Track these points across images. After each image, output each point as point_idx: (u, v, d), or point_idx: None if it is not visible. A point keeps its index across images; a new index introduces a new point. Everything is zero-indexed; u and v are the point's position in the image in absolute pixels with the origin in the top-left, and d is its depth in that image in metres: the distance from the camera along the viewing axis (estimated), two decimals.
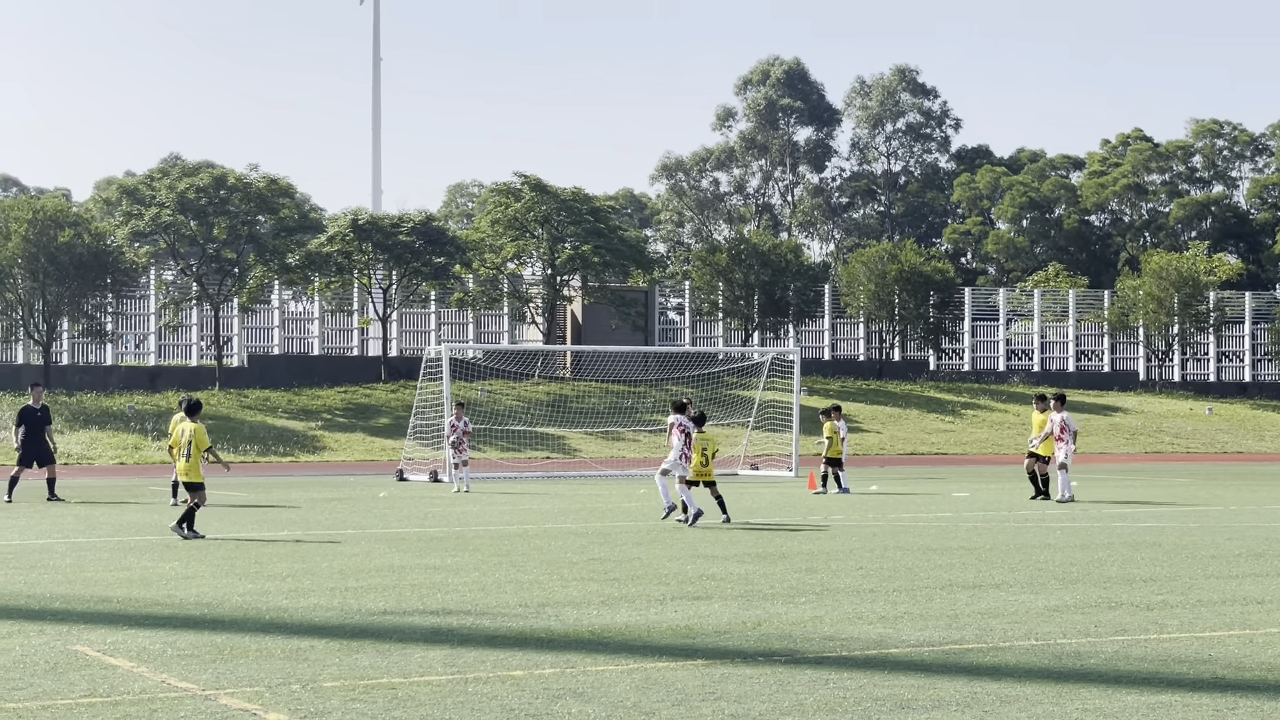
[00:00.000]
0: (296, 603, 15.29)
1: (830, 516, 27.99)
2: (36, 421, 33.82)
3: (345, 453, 58.65)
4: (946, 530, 24.71)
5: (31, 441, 33.60)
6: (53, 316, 66.91)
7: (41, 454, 33.69)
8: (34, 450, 33.59)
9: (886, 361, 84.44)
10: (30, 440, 33.59)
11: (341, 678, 11.15)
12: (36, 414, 33.94)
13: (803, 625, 13.75)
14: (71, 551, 21.12)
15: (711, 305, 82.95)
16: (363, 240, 71.78)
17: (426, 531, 24.56)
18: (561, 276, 75.85)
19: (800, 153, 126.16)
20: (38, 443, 33.64)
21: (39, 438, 33.69)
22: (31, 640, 12.85)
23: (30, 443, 33.59)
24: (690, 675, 11.30)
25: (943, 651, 12.41)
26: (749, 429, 51.89)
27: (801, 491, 37.30)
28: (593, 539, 22.89)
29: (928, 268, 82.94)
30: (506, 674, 11.32)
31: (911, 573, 18.03)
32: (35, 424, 33.78)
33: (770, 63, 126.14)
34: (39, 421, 33.86)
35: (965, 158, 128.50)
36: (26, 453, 33.62)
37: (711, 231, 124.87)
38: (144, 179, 75.24)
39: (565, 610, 14.75)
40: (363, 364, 75.29)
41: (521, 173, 77.15)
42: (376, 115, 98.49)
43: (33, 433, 33.64)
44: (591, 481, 43.60)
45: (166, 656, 12.05)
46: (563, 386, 69.03)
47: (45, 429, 33.89)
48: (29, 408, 34.17)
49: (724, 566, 18.75)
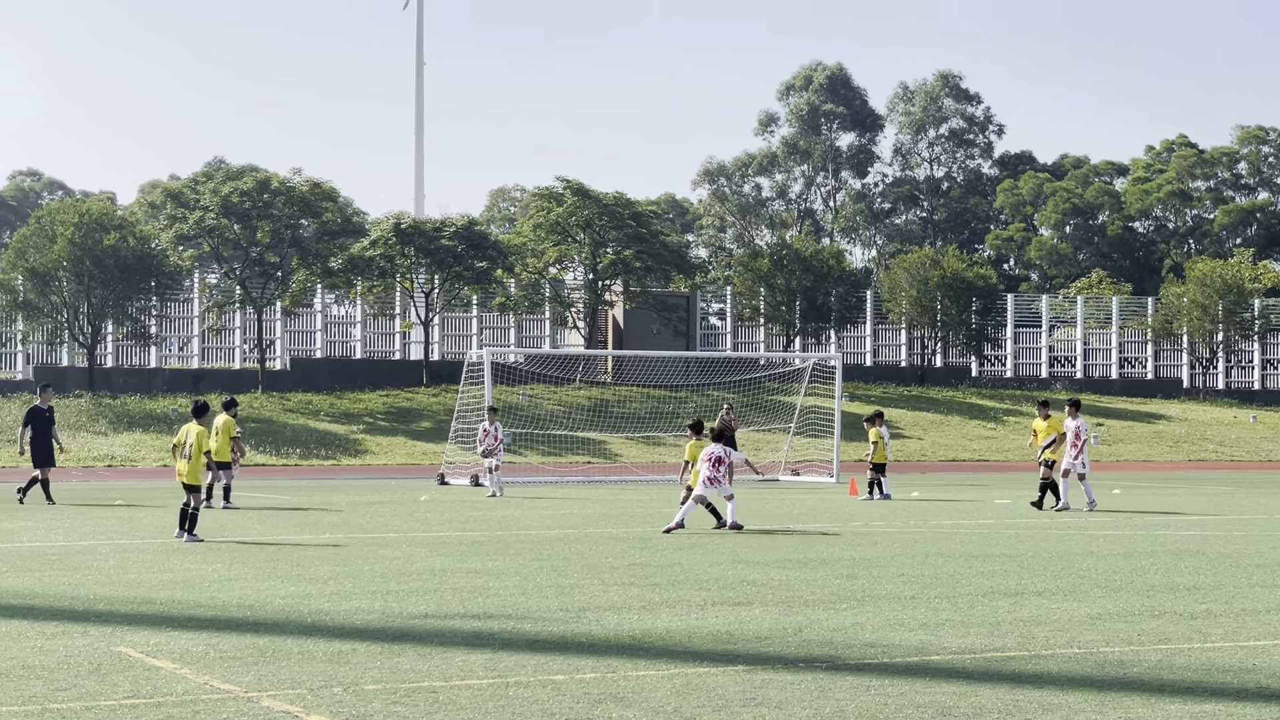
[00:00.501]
0: (338, 606, 15.33)
1: (871, 523, 27.92)
2: (44, 422, 34.00)
3: (386, 456, 58.78)
4: (988, 537, 24.61)
5: (39, 442, 33.74)
6: (97, 319, 67.27)
7: (45, 454, 33.86)
8: (41, 449, 33.72)
9: (928, 368, 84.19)
10: (38, 440, 33.74)
11: (383, 681, 11.17)
12: (44, 414, 34.11)
13: (844, 632, 13.71)
14: (115, 553, 21.23)
15: (753, 310, 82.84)
16: (405, 244, 71.96)
17: (468, 535, 24.60)
18: (603, 281, 75.88)
19: (842, 158, 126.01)
20: (44, 443, 33.82)
21: (45, 437, 33.88)
22: (76, 641, 12.92)
23: (38, 443, 33.73)
24: (731, 681, 11.28)
25: (985, 659, 12.36)
26: (790, 435, 51.81)
27: (843, 497, 37.22)
28: (634, 544, 22.88)
29: (970, 274, 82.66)
30: (547, 678, 11.33)
31: (953, 580, 17.97)
32: (43, 424, 33.95)
33: (813, 68, 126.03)
34: (47, 422, 34.04)
35: (1008, 164, 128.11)
36: (36, 454, 33.73)
37: (753, 237, 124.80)
38: (188, 182, 75.61)
39: (606, 615, 14.74)
40: (404, 368, 75.46)
41: (564, 177, 77.28)
42: (419, 119, 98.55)
43: (40, 433, 33.81)
44: (632, 486, 43.61)
45: (209, 658, 12.10)
46: (604, 391, 69.05)
47: (50, 430, 34.12)
48: (37, 408, 34.31)
49: (765, 572, 18.72)
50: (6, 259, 68.50)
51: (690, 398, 66.73)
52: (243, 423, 61.03)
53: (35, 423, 33.84)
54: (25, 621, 14.12)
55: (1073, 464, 32.09)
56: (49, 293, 66.46)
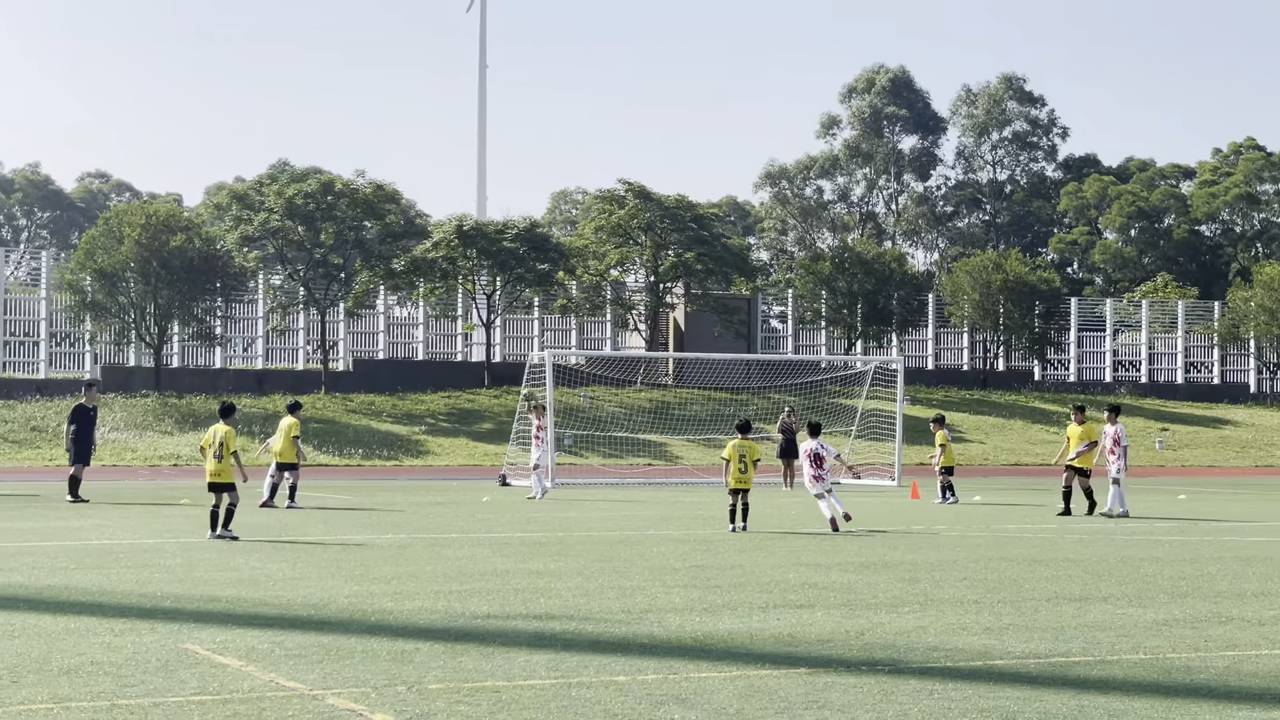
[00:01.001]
0: (401, 605, 15.39)
1: (933, 527, 27.81)
2: (89, 421, 34.29)
3: (448, 457, 58.98)
4: (1052, 542, 24.47)
5: (82, 440, 34.01)
6: (164, 320, 67.80)
7: (87, 452, 34.13)
8: (84, 447, 34.00)
9: (991, 371, 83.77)
10: (80, 438, 34.01)
11: (446, 680, 11.21)
12: (89, 413, 34.38)
13: (906, 635, 13.66)
14: (181, 551, 21.39)
15: (814, 313, 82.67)
16: (467, 246, 72.20)
17: (529, 536, 24.65)
18: (664, 283, 75.90)
19: (905, 161, 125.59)
20: (87, 441, 34.08)
21: (89, 436, 34.15)
22: (143, 638, 13.03)
23: (81, 440, 34.00)
24: (793, 683, 11.27)
25: (1049, 664, 12.30)
26: (851, 438, 51.66)
27: (905, 500, 37.10)
28: (695, 546, 22.88)
29: (1033, 277, 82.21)
30: (610, 679, 11.34)
31: (1016, 584, 17.87)
32: (87, 423, 34.25)
33: (875, 71, 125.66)
34: (91, 421, 34.32)
35: (1072, 167, 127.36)
36: (79, 451, 34.00)
37: (815, 239, 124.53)
38: (253, 184, 76.16)
39: (668, 616, 14.75)
40: (466, 369, 75.70)
41: (625, 180, 77.35)
42: (482, 122, 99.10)
43: (83, 431, 34.09)
44: (693, 489, 43.59)
45: (275, 656, 12.18)
46: (665, 393, 69.06)
47: (93, 429, 34.38)
48: (82, 406, 34.59)
49: (827, 575, 18.68)
50: (75, 260, 69.17)
51: (751, 400, 66.65)
52: (306, 423, 61.52)
53: (80, 421, 34.14)
54: (94, 618, 14.25)
55: (1118, 471, 31.40)
56: (116, 293, 67.04)
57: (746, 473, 26.12)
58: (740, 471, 26.02)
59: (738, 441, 26.33)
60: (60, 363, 72.42)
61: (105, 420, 59.45)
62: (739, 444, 26.26)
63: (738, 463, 26.03)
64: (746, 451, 26.25)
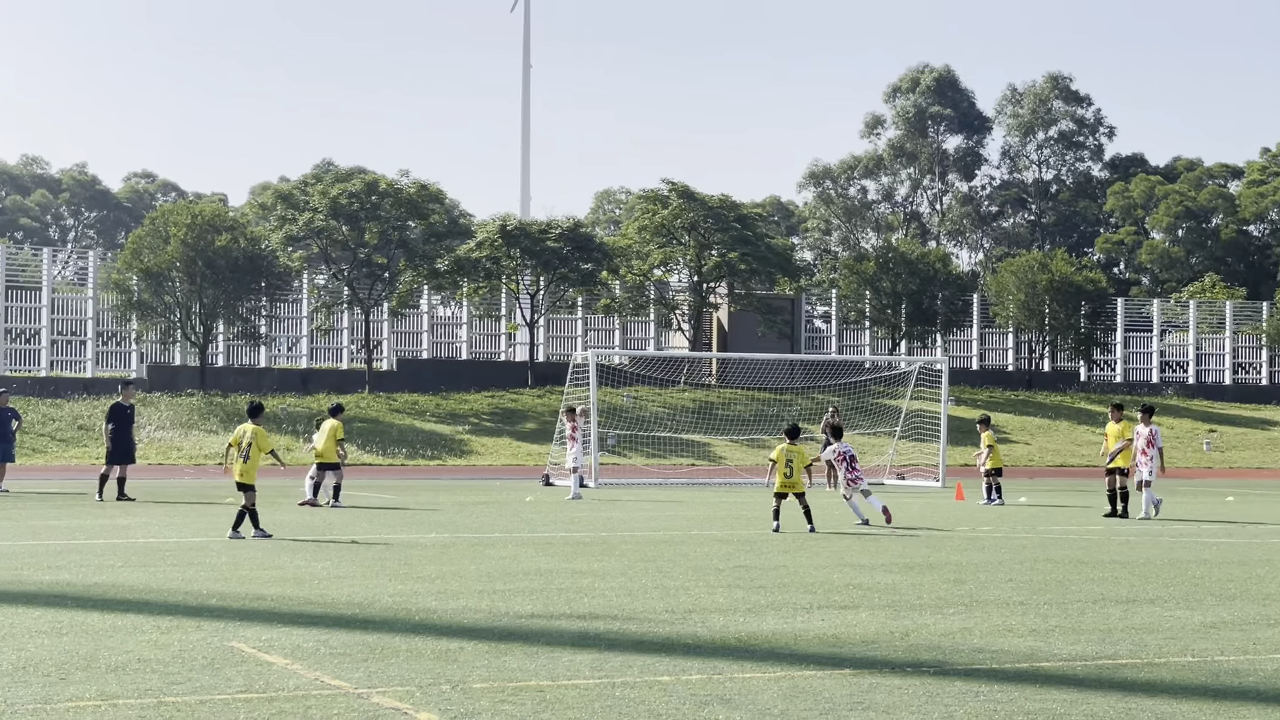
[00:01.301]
0: (445, 604, 15.42)
1: (978, 528, 27.70)
2: (126, 419, 34.48)
3: (491, 457, 59.07)
4: (1098, 544, 24.34)
5: (119, 439, 34.22)
6: (209, 319, 68.12)
7: (127, 450, 34.34)
8: (122, 445, 34.21)
9: (1036, 372, 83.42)
10: (118, 437, 34.22)
11: (490, 679, 11.22)
12: (126, 411, 34.58)
13: (951, 637, 13.61)
14: (227, 549, 21.48)
15: (858, 313, 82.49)
16: (511, 246, 72.31)
17: (573, 536, 24.66)
18: (708, 284, 75.86)
19: (949, 161, 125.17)
20: (125, 440, 34.29)
21: (127, 434, 34.36)
22: (190, 636, 13.08)
23: (118, 440, 34.22)
24: (838, 684, 11.23)
25: (1096, 666, 12.23)
26: (895, 438, 51.53)
27: (949, 501, 36.97)
28: (739, 546, 22.85)
29: (1079, 277, 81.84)
30: (654, 679, 11.33)
31: (1062, 586, 17.78)
32: (124, 422, 34.44)
33: (920, 70, 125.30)
34: (128, 419, 34.50)
35: (1119, 166, 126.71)
36: (115, 450, 34.20)
37: (859, 239, 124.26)
38: (298, 184, 76.46)
39: (712, 617, 14.73)
40: (509, 369, 75.82)
41: (669, 180, 77.38)
42: (526, 121, 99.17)
43: (121, 430, 34.28)
44: (737, 489, 43.54)
45: (320, 654, 12.21)
46: (708, 393, 69.01)
47: (131, 427, 34.61)
48: (119, 405, 34.78)
49: (871, 576, 18.63)
50: (122, 259, 69.57)
51: (795, 401, 66.56)
52: (349, 422, 61.70)
53: (117, 420, 34.35)
54: (140, 616, 14.32)
55: (1148, 473, 30.91)
56: (162, 293, 67.38)
57: (793, 476, 26.29)
58: (786, 475, 26.19)
59: (785, 446, 26.43)
60: (107, 362, 72.86)
61: (151, 419, 59.80)
62: (787, 448, 26.36)
63: (784, 466, 26.18)
64: (794, 456, 26.43)
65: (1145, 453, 30.98)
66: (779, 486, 26.30)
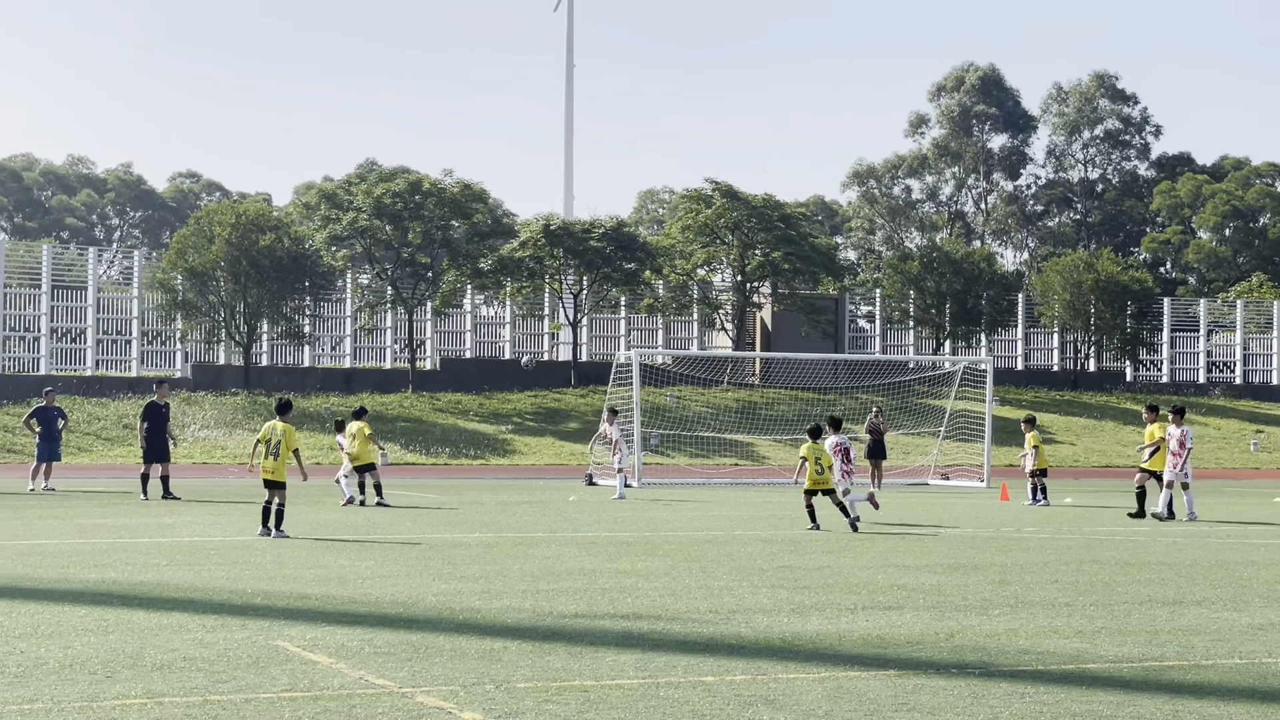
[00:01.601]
0: (489, 604, 15.43)
1: (1023, 529, 27.58)
2: (161, 419, 34.78)
3: (535, 456, 59.14)
4: (1144, 545, 24.21)
5: (154, 438, 34.49)
6: (253, 318, 68.37)
7: (162, 449, 34.57)
8: (156, 443, 34.50)
9: (1081, 372, 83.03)
10: (153, 436, 34.51)
11: (534, 679, 11.22)
12: (161, 410, 34.89)
13: (997, 638, 13.55)
14: (271, 549, 21.56)
15: (902, 313, 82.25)
16: (554, 245, 72.37)
17: (616, 536, 24.67)
18: (751, 283, 75.77)
19: (994, 160, 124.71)
20: (160, 438, 34.55)
21: (161, 433, 34.65)
22: (235, 635, 13.13)
23: (153, 439, 34.49)
24: (882, 685, 11.20)
25: (1142, 668, 12.15)
26: (939, 438, 51.38)
27: (994, 502, 36.83)
28: (782, 546, 22.81)
29: (1125, 277, 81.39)
30: (698, 679, 11.31)
31: (1108, 587, 17.69)
32: (159, 421, 34.77)
33: (965, 69, 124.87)
34: (163, 418, 34.78)
35: (1165, 165, 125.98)
36: (150, 449, 34.55)
37: (903, 239, 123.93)
38: (342, 184, 76.69)
39: (756, 617, 14.70)
40: (553, 368, 75.85)
41: (712, 179, 77.27)
42: (569, 121, 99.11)
43: (156, 428, 34.61)
44: (780, 489, 43.46)
45: (364, 653, 12.24)
46: (752, 393, 68.94)
47: (166, 426, 34.83)
48: (154, 404, 35.20)
49: (915, 577, 18.57)
50: (166, 259, 69.89)
51: (839, 400, 66.41)
52: (393, 421, 61.88)
53: (152, 419, 34.66)
54: (186, 614, 14.39)
55: (1175, 474, 30.62)
56: (207, 292, 67.68)
57: (824, 474, 26.59)
58: (817, 473, 26.46)
59: (809, 445, 26.73)
60: (152, 361, 73.21)
61: (195, 418, 60.09)
62: (811, 447, 26.64)
63: (814, 464, 26.48)
64: (820, 455, 26.84)
65: (1176, 454, 30.69)
66: (809, 484, 26.54)
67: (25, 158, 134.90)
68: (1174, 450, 30.75)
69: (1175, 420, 31.06)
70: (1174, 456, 30.71)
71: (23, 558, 19.92)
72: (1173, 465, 30.72)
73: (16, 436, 55.23)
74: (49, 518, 27.63)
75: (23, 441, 53.22)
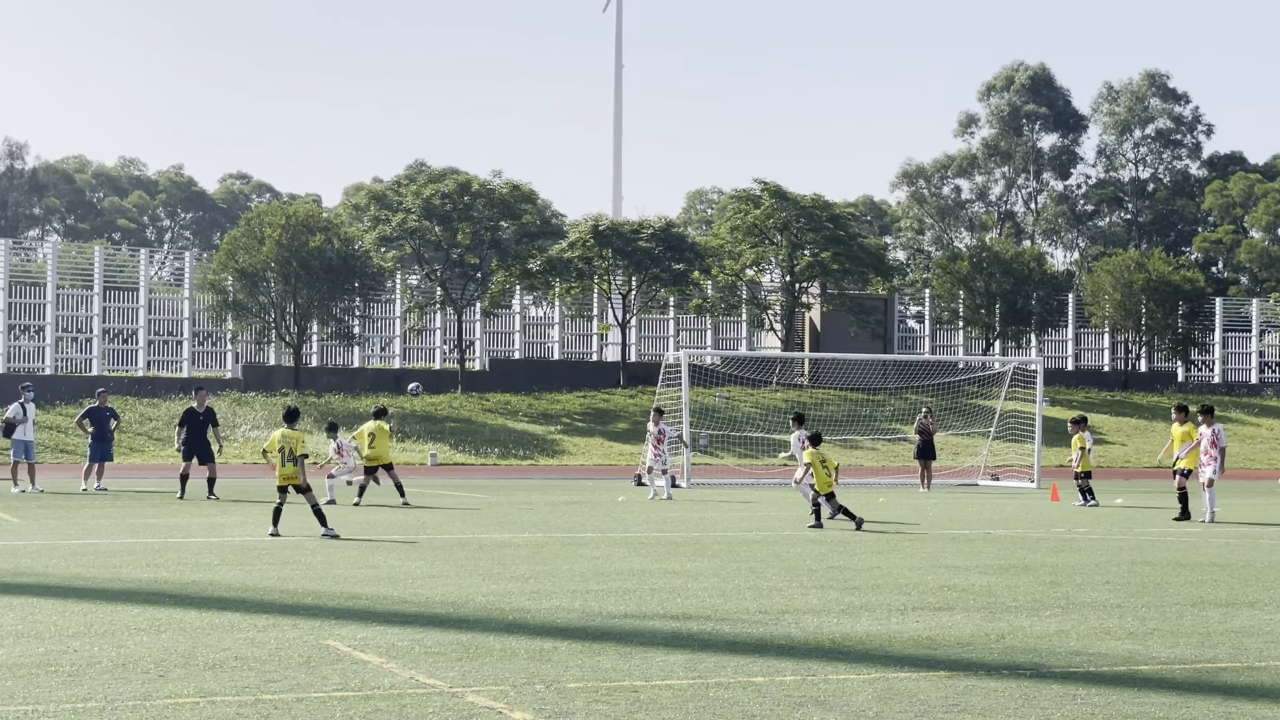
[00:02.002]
0: (539, 604, 15.45)
1: (1074, 530, 27.44)
2: (199, 424, 35.63)
3: (584, 457, 59.19)
4: (1196, 546, 24.04)
5: (193, 441, 35.28)
6: (303, 319, 68.70)
7: (202, 452, 35.10)
8: (195, 448, 35.21)
9: (1132, 373, 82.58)
10: (191, 440, 35.31)
11: (584, 679, 11.23)
12: (199, 417, 35.56)
13: (1048, 639, 13.48)
14: (322, 549, 21.65)
15: (952, 314, 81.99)
16: (603, 246, 72.45)
17: (665, 536, 24.66)
18: (800, 283, 75.66)
19: (1044, 159, 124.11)
20: (198, 442, 35.29)
21: (200, 438, 35.37)
22: (286, 634, 13.19)
23: (191, 442, 35.28)
24: (933, 686, 11.16)
25: (1195, 670, 12.07)
26: (989, 439, 51.18)
27: (1044, 503, 36.65)
28: (832, 547, 22.76)
29: (1176, 277, 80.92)
30: (747, 680, 11.30)
31: (1160, 588, 17.58)
32: (197, 426, 35.57)
33: (1015, 68, 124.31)
34: (201, 424, 35.55)
35: (1217, 164, 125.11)
36: (188, 450, 35.24)
37: (952, 239, 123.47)
38: (391, 185, 76.98)
39: (805, 618, 14.67)
40: (601, 369, 75.94)
41: (761, 179, 77.25)
42: (618, 121, 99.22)
43: (194, 434, 35.43)
44: None
45: (414, 653, 12.27)
46: (801, 394, 68.83)
47: (209, 430, 35.64)
48: (192, 410, 36.08)
49: (966, 577, 18.49)
50: (217, 260, 70.30)
51: (888, 401, 66.25)
52: (442, 422, 62.06)
53: (190, 424, 35.36)
54: (237, 614, 14.46)
55: (1214, 474, 30.07)
56: (257, 293, 68.05)
57: (831, 477, 27.14)
58: (826, 475, 26.97)
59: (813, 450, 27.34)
60: (203, 362, 73.67)
61: (245, 419, 60.44)
62: (814, 452, 27.25)
63: (821, 469, 27.00)
64: (826, 459, 27.36)
65: (1209, 454, 30.31)
66: (821, 488, 26.98)
67: (78, 160, 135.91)
68: (1206, 450, 30.38)
69: (1205, 420, 30.71)
70: (1207, 457, 30.33)
71: (76, 557, 20.07)
72: (1208, 465, 30.41)
73: (70, 437, 55.65)
74: (101, 518, 27.83)
75: (76, 442, 53.64)
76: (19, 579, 17.48)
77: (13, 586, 16.69)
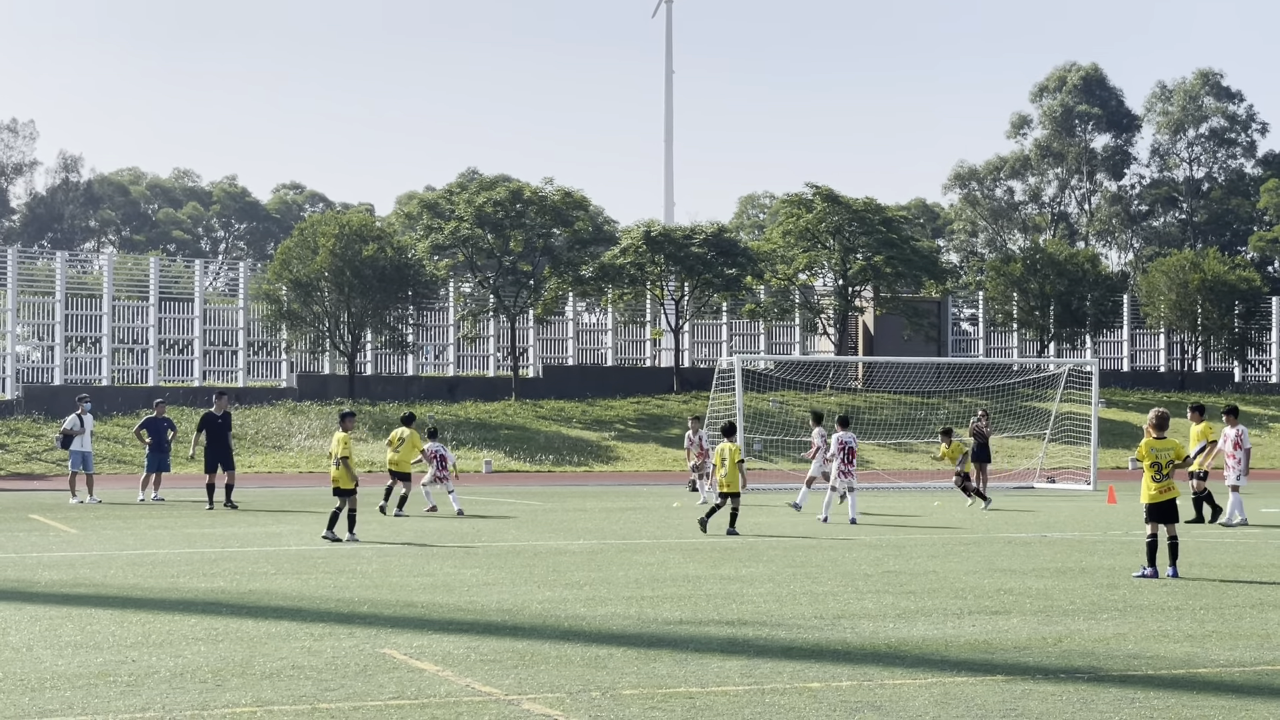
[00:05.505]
0: (594, 611, 15.46)
1: (1131, 531, 27.24)
2: (218, 429, 35.31)
3: (638, 463, 59.19)
4: (1255, 546, 23.86)
5: (213, 447, 35.01)
6: (357, 328, 68.96)
7: (223, 459, 34.95)
8: (215, 455, 34.95)
9: (1188, 373, 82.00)
10: (212, 446, 35.02)
11: (640, 686, 11.23)
12: (218, 421, 35.30)
13: (1105, 642, 13.40)
14: (377, 557, 21.72)
15: (1006, 316, 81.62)
16: (655, 252, 72.44)
17: (720, 542, 24.64)
18: (853, 287, 75.47)
19: (1098, 160, 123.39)
20: (219, 448, 35.03)
21: (220, 443, 35.07)
22: (342, 643, 13.24)
23: (212, 448, 35.02)
24: (990, 691, 11.11)
25: (1254, 673, 11.97)
26: (1045, 441, 50.90)
27: (1101, 505, 36.42)
28: (887, 551, 22.69)
29: (1232, 276, 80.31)
30: (803, 685, 11.28)
31: (1219, 590, 17.45)
32: (216, 431, 35.25)
33: (1067, 69, 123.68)
34: (220, 429, 35.23)
35: (1272, 163, 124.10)
36: (210, 458, 35.01)
37: (1005, 241, 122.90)
38: (443, 193, 77.17)
39: (861, 622, 14.63)
40: (655, 375, 75.94)
41: (813, 183, 77.10)
42: (669, 127, 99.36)
43: (214, 439, 35.11)
44: (884, 493, 43.23)
45: (470, 661, 12.30)
46: (855, 397, 68.64)
47: (227, 436, 35.31)
48: (211, 414, 35.64)
49: (1022, 581, 18.40)
50: (271, 270, 70.64)
51: (942, 404, 66.00)
52: (496, 429, 62.19)
53: (209, 429, 35.15)
54: (294, 623, 14.52)
55: (1239, 478, 29.57)
56: (311, 302, 68.33)
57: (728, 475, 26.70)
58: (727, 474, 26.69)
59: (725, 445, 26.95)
60: (258, 371, 74.04)
61: (301, 428, 60.69)
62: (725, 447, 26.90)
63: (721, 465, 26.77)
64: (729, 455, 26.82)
65: (1233, 455, 29.80)
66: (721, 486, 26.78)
67: (132, 172, 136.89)
68: (1230, 452, 29.84)
69: (1230, 420, 30.25)
70: (1231, 458, 29.78)
71: (133, 567, 20.20)
72: (1233, 467, 29.84)
73: (127, 447, 56.04)
74: (159, 527, 28.01)
75: (133, 452, 54.00)
76: (77, 589, 17.61)
77: (71, 597, 16.82)
